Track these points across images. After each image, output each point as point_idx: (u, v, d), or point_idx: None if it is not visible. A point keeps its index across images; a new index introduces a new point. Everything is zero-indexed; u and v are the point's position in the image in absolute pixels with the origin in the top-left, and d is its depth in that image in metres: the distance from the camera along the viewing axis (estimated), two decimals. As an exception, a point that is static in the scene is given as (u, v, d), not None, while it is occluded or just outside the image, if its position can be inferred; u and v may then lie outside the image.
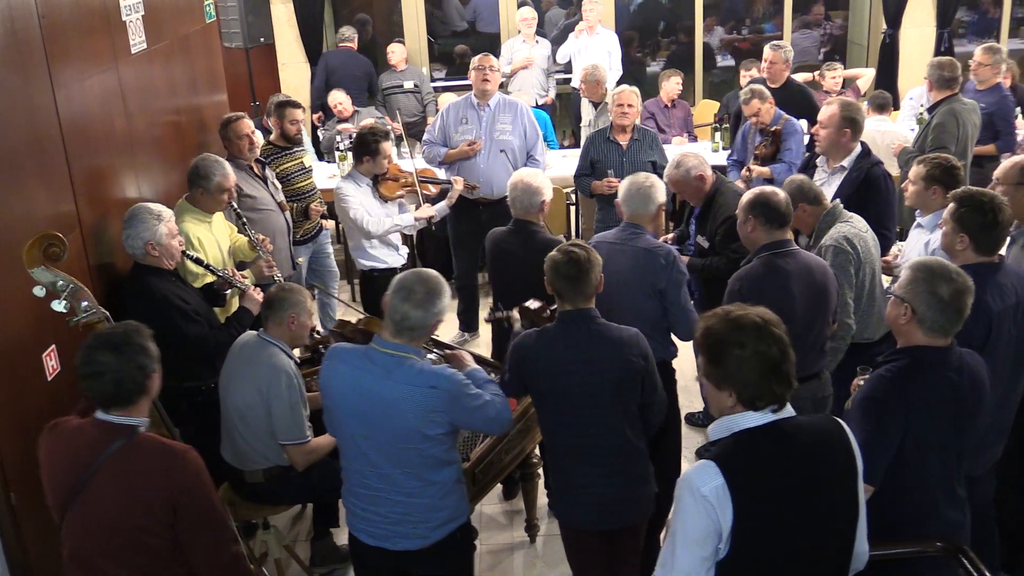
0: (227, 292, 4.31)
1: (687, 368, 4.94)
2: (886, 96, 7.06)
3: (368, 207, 5.28)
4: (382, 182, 5.39)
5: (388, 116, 8.22)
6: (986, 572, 2.69)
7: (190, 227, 4.37)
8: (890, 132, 6.67)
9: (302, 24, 8.95)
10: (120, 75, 4.21)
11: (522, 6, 9.04)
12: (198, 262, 4.20)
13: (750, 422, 2.26)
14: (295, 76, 8.99)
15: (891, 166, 5.56)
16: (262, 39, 8.24)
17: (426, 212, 5.52)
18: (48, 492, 2.75)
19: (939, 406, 2.79)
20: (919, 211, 4.19)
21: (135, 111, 4.35)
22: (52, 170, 3.58)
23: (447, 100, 7.24)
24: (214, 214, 4.56)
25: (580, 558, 3.44)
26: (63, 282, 3.24)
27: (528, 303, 3.69)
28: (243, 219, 4.75)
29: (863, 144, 4.73)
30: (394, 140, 6.19)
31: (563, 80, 9.17)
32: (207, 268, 4.22)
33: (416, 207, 5.63)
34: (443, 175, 6.16)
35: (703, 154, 5.22)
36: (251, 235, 4.65)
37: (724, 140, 7.39)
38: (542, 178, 4.44)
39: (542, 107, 8.36)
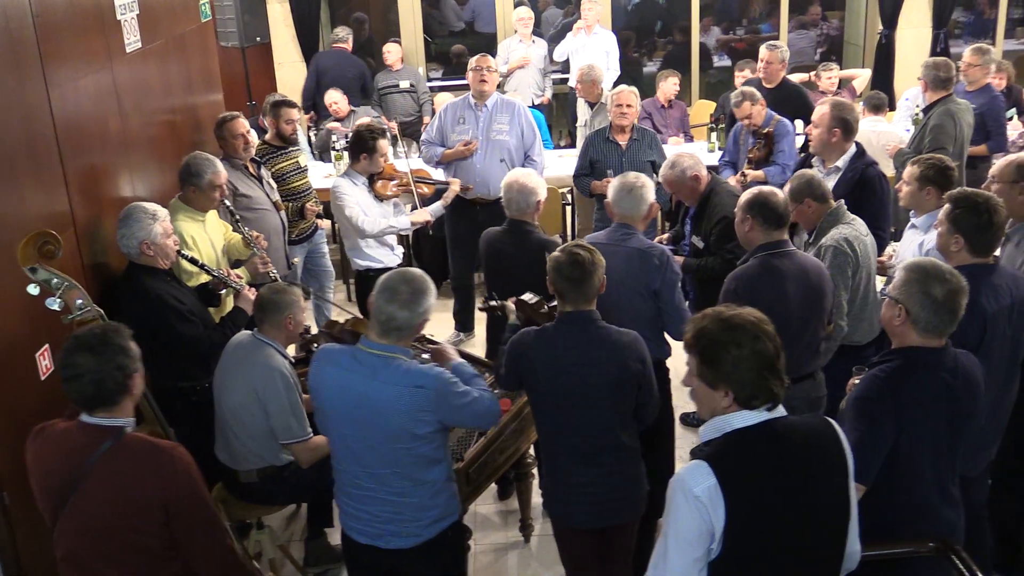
0: (222, 292, 4.30)
1: (682, 368, 4.91)
2: (882, 97, 7.08)
3: (364, 206, 5.28)
4: (377, 181, 5.39)
5: (384, 116, 8.23)
6: (978, 572, 2.70)
7: (184, 226, 4.36)
8: (886, 133, 6.68)
9: (298, 24, 8.95)
10: (115, 74, 4.20)
11: (519, 6, 9.05)
12: (193, 261, 4.20)
13: (742, 422, 2.26)
14: (291, 76, 8.98)
15: (886, 167, 5.56)
16: (258, 38, 8.24)
17: (422, 217, 5.52)
18: (38, 497, 2.74)
19: (933, 407, 2.79)
20: (913, 212, 4.20)
21: (130, 110, 4.34)
22: (46, 169, 3.57)
23: (443, 100, 7.25)
24: (207, 212, 4.55)
25: (573, 557, 3.44)
26: (57, 280, 3.24)
27: (525, 296, 3.70)
28: (236, 216, 4.75)
29: (858, 144, 4.74)
30: (390, 140, 6.19)
31: (560, 80, 9.17)
32: (202, 268, 4.22)
33: (411, 207, 5.63)
34: (441, 175, 6.16)
35: (699, 154, 5.24)
36: (245, 232, 4.65)
37: (720, 140, 7.39)
38: (537, 178, 4.44)
39: (538, 107, 8.36)
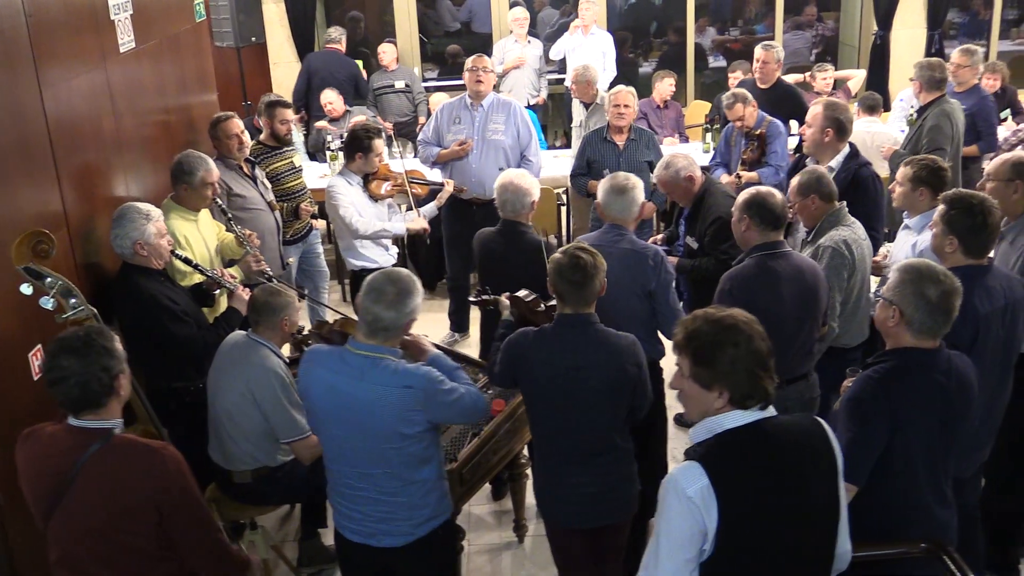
0: (216, 292, 4.30)
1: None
2: (876, 97, 7.08)
3: (359, 206, 5.27)
4: (372, 181, 5.39)
5: (380, 116, 8.23)
6: (969, 573, 2.70)
7: (177, 225, 4.35)
8: (880, 134, 6.69)
9: (293, 24, 8.96)
10: (108, 74, 4.20)
11: (514, 6, 9.04)
12: (187, 262, 4.19)
13: (733, 422, 2.26)
14: (287, 76, 8.97)
15: (881, 167, 5.57)
16: (253, 39, 8.22)
17: (418, 225, 5.50)
18: (29, 500, 2.74)
19: (927, 408, 2.79)
20: (906, 213, 4.20)
21: (123, 110, 4.34)
22: (39, 169, 3.57)
23: (438, 100, 7.25)
24: (200, 212, 4.55)
25: (565, 557, 3.45)
26: (51, 279, 3.24)
27: (520, 293, 3.70)
28: (228, 215, 4.74)
29: (851, 145, 4.74)
30: (385, 140, 6.19)
31: (556, 80, 9.18)
32: (196, 268, 4.21)
33: (406, 207, 5.63)
34: (437, 175, 6.15)
35: (694, 155, 5.25)
36: (237, 231, 4.65)
37: (715, 141, 7.39)
38: (530, 179, 4.44)
39: (533, 107, 8.36)
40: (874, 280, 4.23)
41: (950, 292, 2.81)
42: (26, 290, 3.22)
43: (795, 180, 4.12)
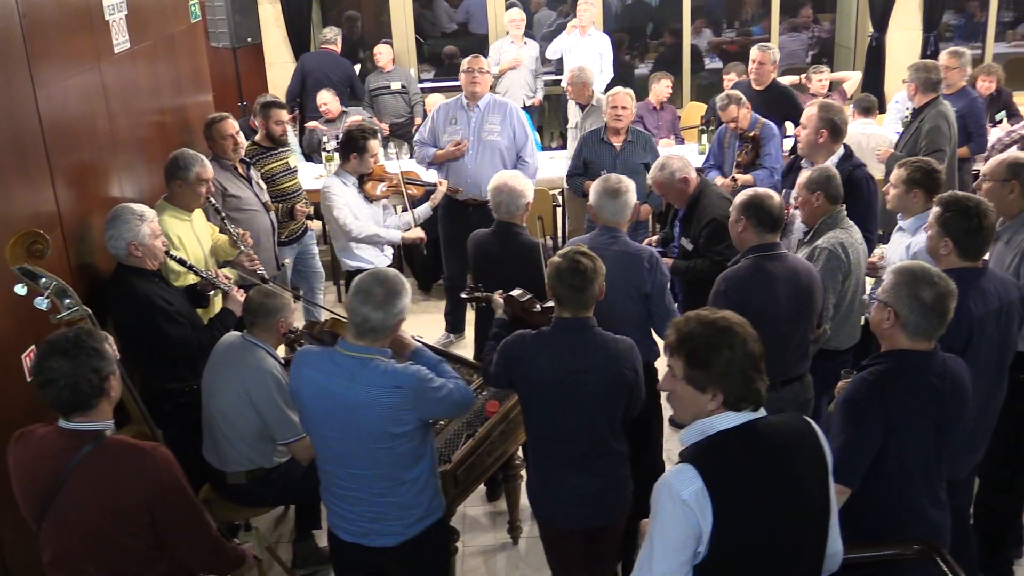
0: (210, 293, 4.29)
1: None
2: (872, 99, 7.10)
3: (354, 207, 5.27)
4: (367, 182, 5.38)
5: (376, 117, 8.22)
6: (961, 574, 2.71)
7: (170, 225, 4.34)
8: (876, 135, 6.70)
9: (289, 24, 8.94)
10: (103, 75, 4.19)
11: (511, 7, 9.05)
12: (181, 262, 4.18)
13: (725, 424, 2.26)
14: (283, 76, 8.95)
15: (876, 169, 5.58)
16: (249, 39, 8.20)
17: (414, 235, 5.49)
18: (21, 502, 2.74)
19: (921, 410, 2.80)
20: (900, 214, 4.21)
21: (118, 111, 4.33)
22: (33, 170, 3.56)
23: (435, 101, 7.24)
24: (193, 212, 4.54)
25: (559, 558, 3.45)
26: (46, 279, 3.24)
27: (514, 292, 3.69)
28: (222, 214, 4.73)
29: (846, 146, 4.75)
30: (381, 140, 6.18)
31: (553, 81, 9.18)
32: (190, 268, 4.20)
33: (401, 208, 5.62)
34: (433, 175, 6.15)
35: (689, 156, 5.24)
36: (231, 230, 4.64)
37: (710, 142, 7.39)
38: (524, 180, 4.44)
39: (528, 109, 8.36)
40: (869, 282, 4.23)
41: (945, 294, 2.81)
42: (20, 291, 3.21)
43: (806, 174, 4.12)
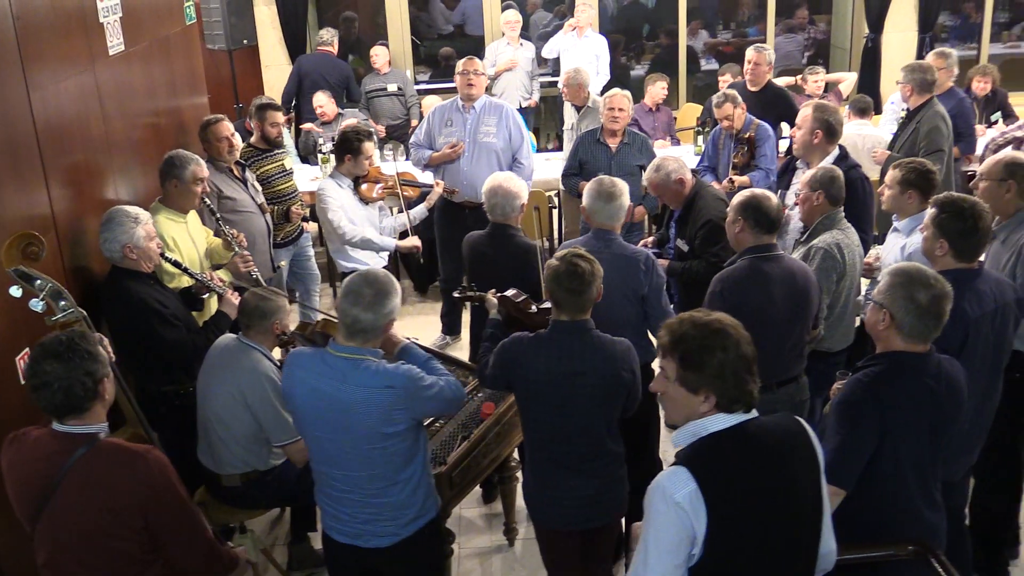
0: (205, 295, 4.28)
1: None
2: (867, 100, 7.10)
3: (349, 209, 5.26)
4: (363, 184, 5.38)
5: (372, 119, 8.22)
6: (956, 575, 2.71)
7: (165, 227, 4.33)
8: (871, 136, 6.71)
9: (285, 26, 8.93)
10: (97, 77, 4.18)
11: (506, 9, 9.05)
12: (176, 264, 4.18)
13: (717, 425, 2.27)
14: (279, 78, 8.94)
15: (871, 170, 5.58)
16: (245, 41, 8.20)
17: (409, 242, 5.49)
18: (15, 504, 2.73)
19: (917, 412, 2.80)
20: (895, 215, 4.21)
21: (113, 113, 4.32)
22: (27, 172, 3.55)
23: (431, 103, 7.24)
24: (188, 214, 4.53)
25: (556, 559, 3.45)
26: (41, 281, 3.23)
27: (508, 292, 3.69)
28: (217, 216, 4.73)
29: (841, 147, 4.76)
30: (377, 142, 6.18)
31: (550, 83, 9.17)
32: (184, 271, 4.20)
33: (397, 210, 5.62)
34: (429, 177, 6.15)
35: (685, 158, 5.24)
36: (225, 231, 4.64)
37: (706, 143, 7.40)
38: (519, 182, 4.44)
39: (524, 110, 8.36)
40: (864, 283, 4.23)
41: (940, 296, 2.81)
42: (15, 292, 3.20)
43: (810, 172, 4.12)
